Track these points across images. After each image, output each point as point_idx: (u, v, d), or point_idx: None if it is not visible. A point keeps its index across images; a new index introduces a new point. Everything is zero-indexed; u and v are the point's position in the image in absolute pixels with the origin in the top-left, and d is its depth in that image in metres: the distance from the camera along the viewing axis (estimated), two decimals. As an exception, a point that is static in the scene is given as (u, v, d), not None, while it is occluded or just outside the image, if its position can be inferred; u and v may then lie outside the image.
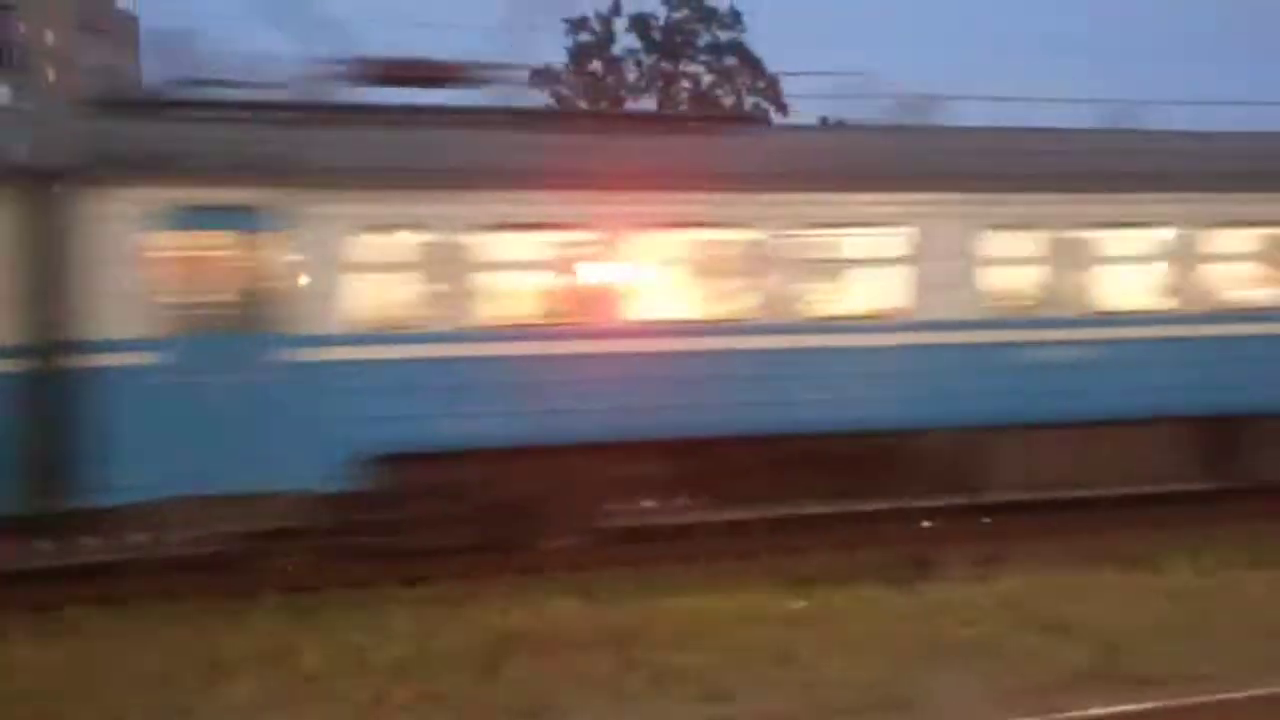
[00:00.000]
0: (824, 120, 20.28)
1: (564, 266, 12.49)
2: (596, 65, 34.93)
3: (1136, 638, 9.09)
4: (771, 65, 35.01)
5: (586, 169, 12.27)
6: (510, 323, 12.19)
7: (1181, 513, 14.40)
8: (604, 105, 32.59)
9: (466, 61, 13.41)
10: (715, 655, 8.85)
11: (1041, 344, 13.34)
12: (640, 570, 12.09)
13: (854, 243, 13.43)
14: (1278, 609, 9.97)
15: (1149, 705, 7.31)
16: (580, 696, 7.99)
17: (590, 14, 34.55)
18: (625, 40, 35.25)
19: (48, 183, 11.11)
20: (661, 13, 34.90)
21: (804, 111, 30.37)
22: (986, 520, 14.39)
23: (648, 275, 12.66)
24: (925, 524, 14.24)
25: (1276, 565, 11.59)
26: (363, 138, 12.21)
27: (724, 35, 34.89)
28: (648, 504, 13.93)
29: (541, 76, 32.52)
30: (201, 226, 11.30)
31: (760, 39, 35.87)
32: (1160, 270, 14.19)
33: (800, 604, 10.69)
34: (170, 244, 11.19)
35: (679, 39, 34.93)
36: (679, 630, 9.70)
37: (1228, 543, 12.65)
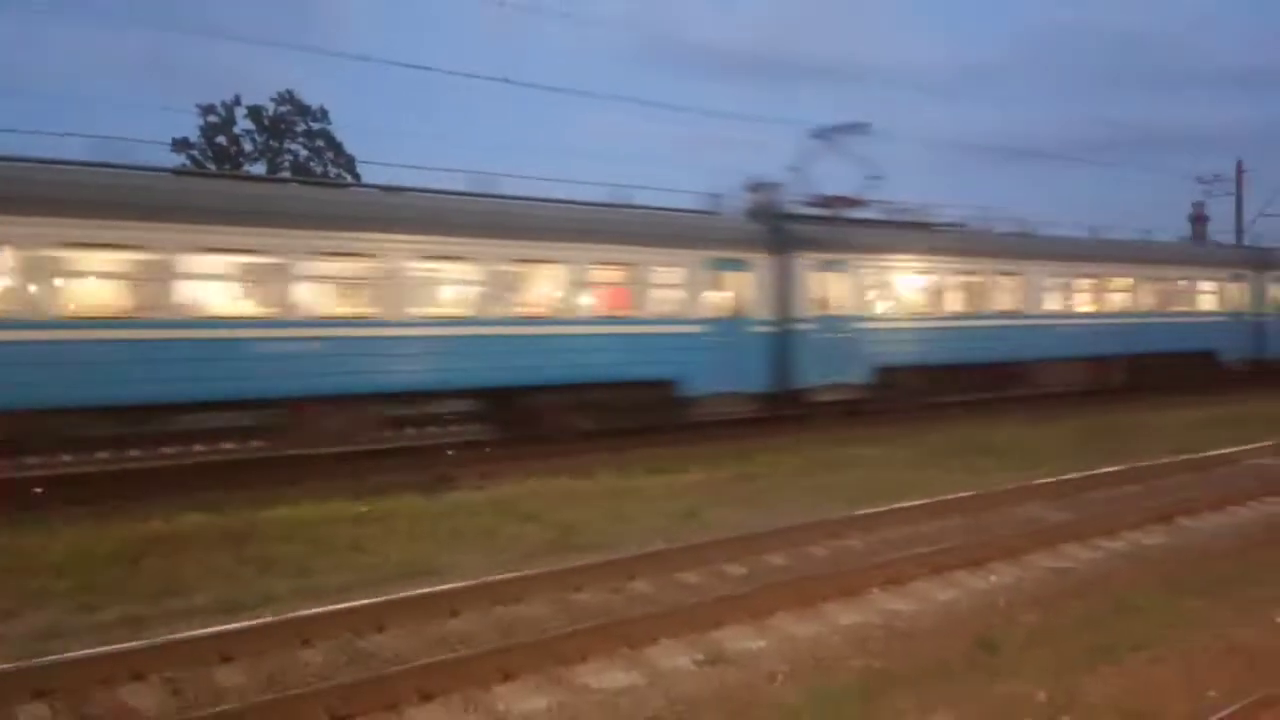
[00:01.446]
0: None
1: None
2: (222, 139, 43.54)
3: (582, 522, 11.19)
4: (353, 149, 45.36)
5: None
6: None
7: (609, 444, 16.94)
8: (226, 168, 40.82)
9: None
10: (305, 547, 10.19)
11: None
12: (250, 491, 13.29)
13: None
14: (668, 500, 12.61)
15: (588, 562, 9.20)
16: (204, 581, 9.00)
17: (218, 102, 43.50)
18: (243, 123, 44.08)
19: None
20: (270, 105, 44.26)
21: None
22: (487, 449, 16.59)
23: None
24: (449, 453, 16.08)
25: (665, 473, 14.50)
26: None
27: (315, 125, 44.81)
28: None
29: (179, 145, 41.91)
30: None
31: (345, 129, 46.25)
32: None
33: (365, 509, 11.89)
34: None
35: (282, 125, 44.35)
36: (278, 531, 10.82)
37: (637, 460, 15.39)
